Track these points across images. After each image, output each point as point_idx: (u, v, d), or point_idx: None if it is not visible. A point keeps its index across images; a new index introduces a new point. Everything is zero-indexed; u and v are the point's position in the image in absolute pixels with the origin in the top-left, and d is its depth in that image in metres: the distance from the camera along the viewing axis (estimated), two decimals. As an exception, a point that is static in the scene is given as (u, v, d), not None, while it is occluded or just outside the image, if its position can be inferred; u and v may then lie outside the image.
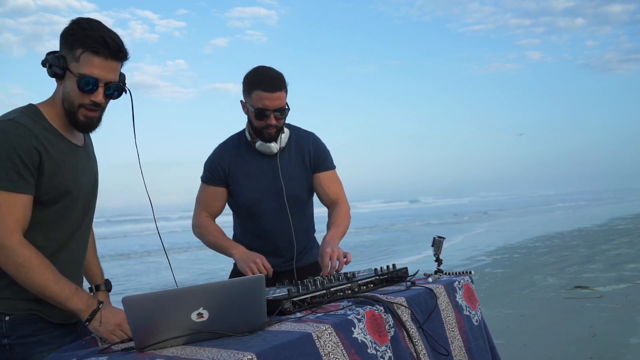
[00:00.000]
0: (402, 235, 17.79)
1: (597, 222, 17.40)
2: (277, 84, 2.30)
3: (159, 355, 1.33)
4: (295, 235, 2.46)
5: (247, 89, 2.33)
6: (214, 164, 2.48)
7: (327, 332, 1.47)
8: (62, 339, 1.75)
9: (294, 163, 2.47)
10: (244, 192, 2.45)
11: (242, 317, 1.47)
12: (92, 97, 1.66)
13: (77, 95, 1.66)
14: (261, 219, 2.47)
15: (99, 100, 1.67)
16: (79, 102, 1.67)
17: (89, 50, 1.62)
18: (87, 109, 1.68)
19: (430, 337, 1.81)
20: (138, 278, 10.66)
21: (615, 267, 8.01)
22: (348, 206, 2.53)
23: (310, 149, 2.49)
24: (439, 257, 2.19)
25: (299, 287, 1.78)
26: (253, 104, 2.31)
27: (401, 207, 46.34)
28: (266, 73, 2.33)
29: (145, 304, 1.36)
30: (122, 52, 1.68)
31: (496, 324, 5.02)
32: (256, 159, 2.45)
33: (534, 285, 7.11)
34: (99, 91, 1.67)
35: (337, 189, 2.54)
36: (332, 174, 2.55)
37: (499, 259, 10.15)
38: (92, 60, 1.63)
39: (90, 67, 1.63)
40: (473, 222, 22.44)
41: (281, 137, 2.40)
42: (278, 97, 2.28)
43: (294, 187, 2.45)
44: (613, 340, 4.38)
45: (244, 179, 2.45)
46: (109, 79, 1.67)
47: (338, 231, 2.36)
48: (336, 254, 2.14)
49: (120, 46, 1.67)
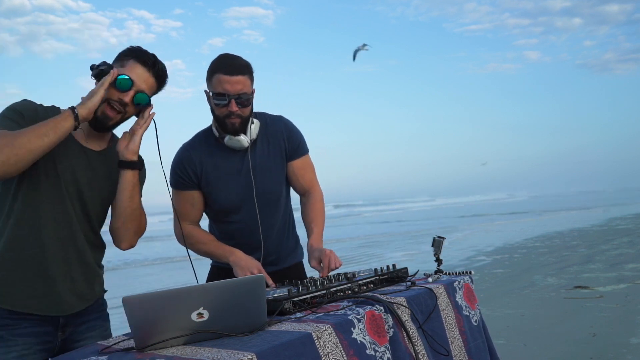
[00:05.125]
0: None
1: (597, 222, 17.40)
2: (239, 68, 2.15)
3: (159, 355, 1.33)
4: (277, 232, 2.39)
5: (208, 75, 2.19)
6: (182, 167, 2.28)
7: (327, 333, 1.47)
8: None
9: (269, 155, 2.33)
10: (220, 196, 2.29)
11: (242, 317, 1.47)
12: (120, 95, 1.82)
13: (110, 91, 1.81)
14: (238, 220, 2.33)
15: (127, 100, 1.83)
16: (109, 96, 1.82)
17: (135, 60, 1.87)
18: (109, 105, 1.83)
19: (430, 337, 1.81)
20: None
21: (615, 267, 8.00)
22: (321, 192, 2.48)
23: (284, 136, 2.35)
24: (439, 257, 2.19)
25: (299, 287, 1.78)
26: (213, 89, 2.16)
27: (401, 208, 46.34)
28: (228, 57, 2.20)
29: (145, 304, 1.35)
30: (161, 72, 1.92)
31: (496, 324, 5.02)
32: (228, 157, 2.28)
33: (534, 285, 7.11)
34: (130, 93, 1.84)
35: (310, 177, 2.46)
36: (306, 160, 2.43)
37: (499, 259, 10.14)
38: (135, 68, 1.86)
39: (130, 71, 1.84)
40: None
41: (251, 128, 2.24)
42: (239, 81, 2.13)
43: (271, 182, 2.32)
44: (613, 340, 4.38)
45: (217, 180, 2.28)
46: (142, 88, 1.87)
47: (320, 232, 2.33)
48: (334, 255, 2.14)
49: (162, 68, 1.92)
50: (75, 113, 1.74)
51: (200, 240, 2.32)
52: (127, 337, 1.56)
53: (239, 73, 2.14)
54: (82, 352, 1.52)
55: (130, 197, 1.90)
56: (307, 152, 2.45)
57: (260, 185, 2.31)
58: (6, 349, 1.75)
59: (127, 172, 1.88)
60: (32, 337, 1.78)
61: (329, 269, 2.11)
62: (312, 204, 2.41)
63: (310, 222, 2.36)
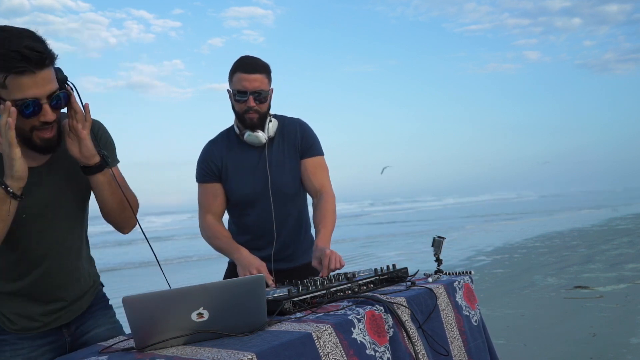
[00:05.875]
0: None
1: (597, 222, 17.40)
2: (256, 67, 2.33)
3: (159, 355, 1.33)
4: (291, 228, 2.46)
5: (230, 74, 2.37)
6: (206, 161, 2.46)
7: (327, 333, 1.47)
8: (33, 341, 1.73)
9: (285, 153, 2.44)
10: (236, 188, 2.43)
11: (242, 317, 1.47)
12: (40, 118, 1.51)
13: (23, 122, 1.49)
14: (254, 214, 2.44)
15: (49, 118, 1.52)
16: (29, 125, 1.52)
17: (12, 73, 1.42)
18: (39, 130, 1.53)
19: (430, 337, 1.81)
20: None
21: (615, 267, 8.00)
22: (333, 196, 2.48)
23: (298, 135, 2.46)
24: (439, 257, 2.19)
25: (299, 287, 1.78)
26: (233, 87, 2.34)
27: (403, 208, 46.34)
28: (247, 57, 2.38)
29: (145, 304, 1.36)
30: (48, 57, 1.47)
31: (496, 324, 5.02)
32: (246, 153, 2.43)
33: (534, 285, 7.11)
34: (45, 109, 1.50)
35: (322, 178, 2.49)
36: (319, 160, 2.50)
37: (499, 259, 10.14)
38: (19, 81, 1.43)
39: (21, 90, 1.44)
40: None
41: (268, 126, 2.39)
42: (256, 79, 2.31)
43: (286, 178, 2.42)
44: (613, 340, 4.38)
45: (235, 174, 2.43)
46: (48, 92, 1.49)
47: (328, 233, 2.34)
48: (334, 256, 2.14)
49: (42, 53, 1.45)
50: (9, 191, 1.50)
51: (216, 235, 2.43)
52: (127, 337, 1.57)
53: (256, 72, 2.32)
54: (82, 352, 1.52)
55: (111, 194, 1.72)
56: (322, 154, 2.52)
57: (275, 180, 2.41)
58: (12, 352, 1.72)
59: (97, 176, 1.68)
60: (39, 338, 1.76)
61: (329, 269, 2.11)
62: (323, 205, 2.42)
63: (318, 223, 2.37)
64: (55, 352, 1.77)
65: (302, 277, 2.17)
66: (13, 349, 1.72)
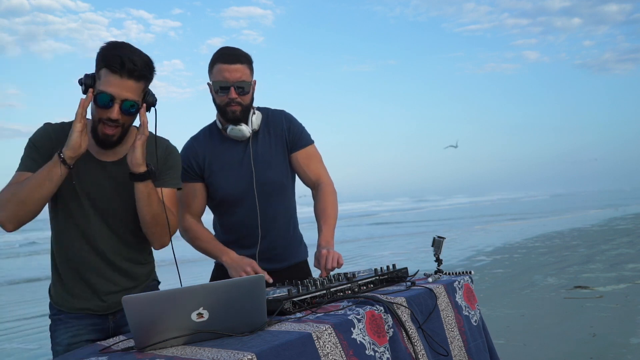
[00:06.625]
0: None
1: (597, 222, 17.40)
2: (237, 57, 2.22)
3: (159, 355, 1.33)
4: (280, 226, 2.37)
5: (210, 66, 2.26)
6: (186, 158, 2.32)
7: (327, 333, 1.47)
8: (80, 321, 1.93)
9: (271, 146, 2.35)
10: (220, 186, 2.33)
11: (242, 317, 1.47)
12: (108, 114, 1.77)
13: (96, 110, 1.79)
14: (239, 213, 2.35)
15: (114, 116, 1.77)
16: (98, 117, 1.79)
17: (106, 68, 1.74)
18: (104, 124, 1.80)
19: (430, 338, 1.81)
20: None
21: (615, 267, 8.00)
22: (331, 184, 2.41)
23: (284, 127, 2.37)
24: (439, 257, 2.19)
25: (299, 287, 1.78)
26: (214, 79, 2.24)
27: (405, 207, 46.29)
28: (227, 48, 2.27)
29: (145, 304, 1.36)
30: (138, 71, 1.75)
31: (496, 324, 5.02)
32: (230, 148, 2.34)
33: (534, 285, 7.11)
34: (114, 108, 1.76)
35: (317, 167, 2.41)
36: (310, 150, 2.41)
37: (498, 259, 10.14)
38: (109, 78, 1.74)
39: (106, 85, 1.74)
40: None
41: (252, 119, 2.29)
42: (237, 69, 2.20)
43: (272, 173, 2.34)
44: (613, 340, 4.38)
45: (219, 171, 2.33)
46: (125, 97, 1.76)
47: (330, 229, 2.27)
48: (331, 255, 2.13)
49: (137, 66, 1.74)
50: (62, 157, 1.73)
51: (198, 236, 2.34)
52: (127, 337, 1.57)
53: (237, 62, 2.22)
54: (82, 352, 1.52)
55: (147, 206, 1.87)
56: (311, 143, 2.44)
57: (261, 176, 2.32)
58: (65, 330, 1.93)
59: (138, 184, 1.84)
60: (86, 318, 1.94)
61: (326, 269, 2.11)
62: (322, 197, 2.35)
63: (319, 218, 2.31)
64: (99, 333, 1.95)
65: (293, 278, 2.13)
66: (66, 327, 1.93)
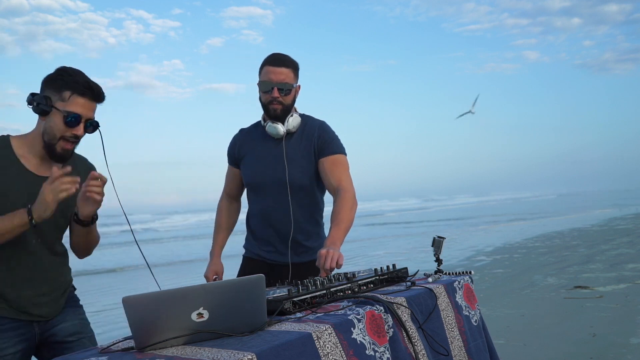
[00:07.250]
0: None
1: (597, 222, 17.40)
2: (283, 61, 2.47)
3: (159, 355, 1.33)
4: (299, 223, 2.51)
5: (260, 69, 2.51)
6: (230, 145, 2.71)
7: (327, 333, 1.47)
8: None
9: (300, 148, 2.53)
10: (248, 172, 2.60)
11: (242, 317, 1.47)
12: (74, 131, 1.97)
13: (61, 129, 1.95)
14: (263, 201, 2.57)
15: (80, 133, 1.98)
16: (61, 134, 1.96)
17: (76, 93, 1.95)
18: (66, 140, 1.97)
19: (430, 338, 1.81)
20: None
21: (615, 267, 8.01)
22: (350, 191, 2.44)
23: (315, 135, 2.54)
24: (439, 257, 2.19)
25: (299, 287, 1.78)
26: (261, 79, 2.49)
27: (410, 206, 46.21)
28: (276, 54, 2.52)
29: (145, 304, 1.36)
30: (102, 95, 2.02)
31: (496, 324, 5.02)
32: (265, 142, 2.57)
33: (534, 285, 7.11)
34: (81, 126, 1.98)
35: (339, 173, 2.48)
36: (336, 158, 2.51)
37: (498, 259, 10.15)
38: (78, 101, 1.96)
39: (75, 106, 1.95)
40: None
41: (289, 120, 2.50)
42: (282, 72, 2.45)
43: (295, 171, 2.49)
44: (613, 340, 4.38)
45: (250, 159, 2.60)
46: (89, 117, 2.00)
47: (339, 231, 2.30)
48: (330, 255, 2.13)
49: (101, 91, 2.01)
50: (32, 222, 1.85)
51: (217, 221, 2.79)
52: (127, 338, 1.57)
53: (283, 65, 2.47)
54: (81, 352, 1.52)
55: (82, 238, 2.11)
56: (340, 152, 2.54)
57: (282, 172, 2.50)
58: None
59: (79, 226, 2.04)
60: (11, 330, 1.98)
61: (325, 270, 2.11)
62: (339, 202, 2.40)
63: (332, 220, 2.36)
64: (26, 343, 2.00)
65: (312, 271, 2.24)
66: None
